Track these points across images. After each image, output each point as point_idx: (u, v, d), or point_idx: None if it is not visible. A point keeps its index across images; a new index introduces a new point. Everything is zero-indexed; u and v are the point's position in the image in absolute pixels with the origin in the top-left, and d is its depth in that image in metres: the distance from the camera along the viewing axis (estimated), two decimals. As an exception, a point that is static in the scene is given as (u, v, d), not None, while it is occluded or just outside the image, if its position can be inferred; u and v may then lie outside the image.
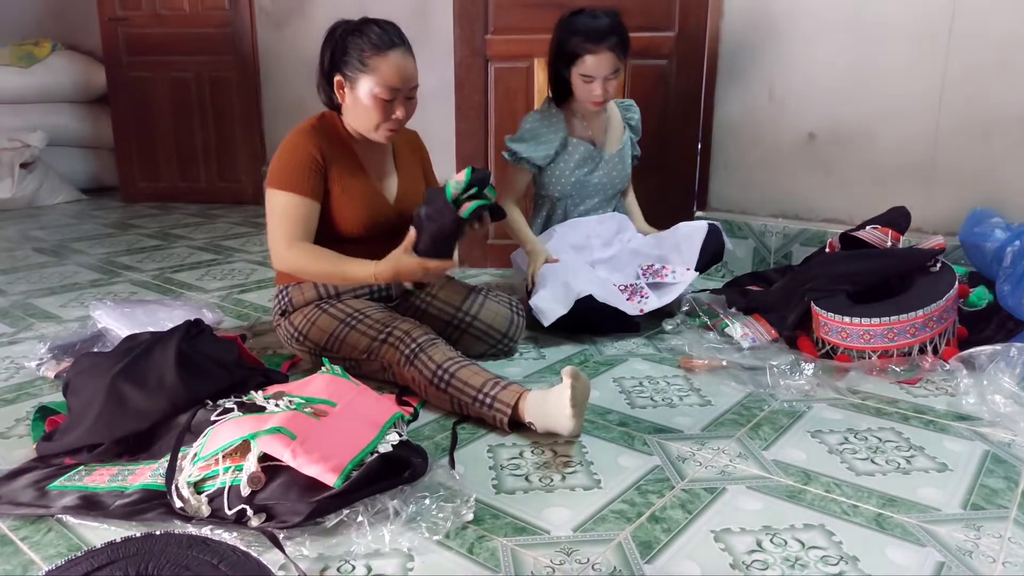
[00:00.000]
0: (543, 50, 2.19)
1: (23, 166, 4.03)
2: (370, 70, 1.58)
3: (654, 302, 1.99)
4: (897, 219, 2.07)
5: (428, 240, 1.55)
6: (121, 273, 2.73)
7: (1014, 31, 2.11)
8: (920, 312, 1.69)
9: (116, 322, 1.84)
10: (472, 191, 1.53)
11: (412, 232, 1.56)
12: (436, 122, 2.87)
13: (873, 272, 1.85)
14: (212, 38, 4.02)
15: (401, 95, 1.61)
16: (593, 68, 1.97)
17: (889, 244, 1.97)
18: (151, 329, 1.65)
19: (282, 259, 1.63)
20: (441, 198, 1.52)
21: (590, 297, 1.85)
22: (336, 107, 1.70)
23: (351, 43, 1.60)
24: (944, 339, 1.73)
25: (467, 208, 1.51)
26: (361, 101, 1.61)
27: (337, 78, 1.63)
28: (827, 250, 2.10)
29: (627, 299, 1.99)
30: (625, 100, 2.29)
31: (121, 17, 4.03)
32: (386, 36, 1.59)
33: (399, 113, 1.62)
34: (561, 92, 2.12)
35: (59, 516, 1.16)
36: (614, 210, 2.26)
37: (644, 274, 2.04)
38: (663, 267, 2.05)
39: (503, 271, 2.72)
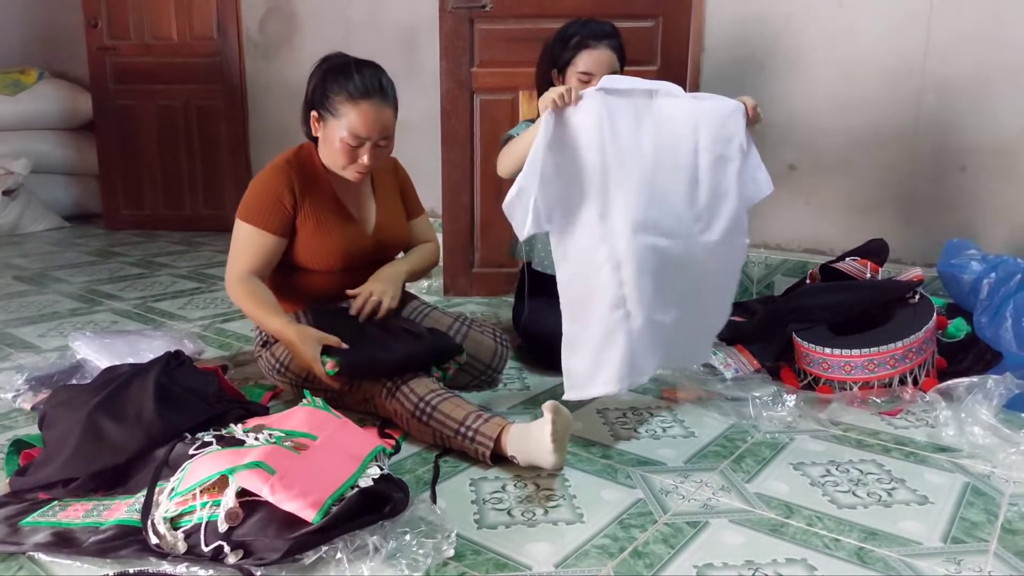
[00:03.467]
0: (527, 83, 2.21)
1: (5, 193, 4.00)
2: (339, 116, 1.58)
3: None
4: (876, 251, 2.10)
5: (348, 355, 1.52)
6: (102, 302, 2.70)
7: (987, 64, 2.16)
8: (900, 343, 1.71)
9: (96, 353, 1.82)
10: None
11: (337, 340, 1.52)
12: (423, 151, 2.89)
13: (853, 304, 1.87)
14: (200, 67, 4.04)
15: (370, 143, 1.61)
16: (592, 64, 1.84)
17: (868, 276, 2.00)
18: (131, 360, 1.64)
19: (230, 289, 1.66)
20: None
21: None
22: (315, 139, 1.71)
23: (330, 83, 1.60)
24: (924, 370, 1.75)
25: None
26: (329, 141, 1.62)
27: (313, 113, 1.65)
28: (808, 281, 2.12)
29: None
30: None
31: (109, 46, 4.04)
32: (363, 86, 1.57)
33: (365, 159, 1.61)
34: None
35: (31, 553, 1.14)
36: None
37: None
38: None
39: (488, 300, 2.73)
